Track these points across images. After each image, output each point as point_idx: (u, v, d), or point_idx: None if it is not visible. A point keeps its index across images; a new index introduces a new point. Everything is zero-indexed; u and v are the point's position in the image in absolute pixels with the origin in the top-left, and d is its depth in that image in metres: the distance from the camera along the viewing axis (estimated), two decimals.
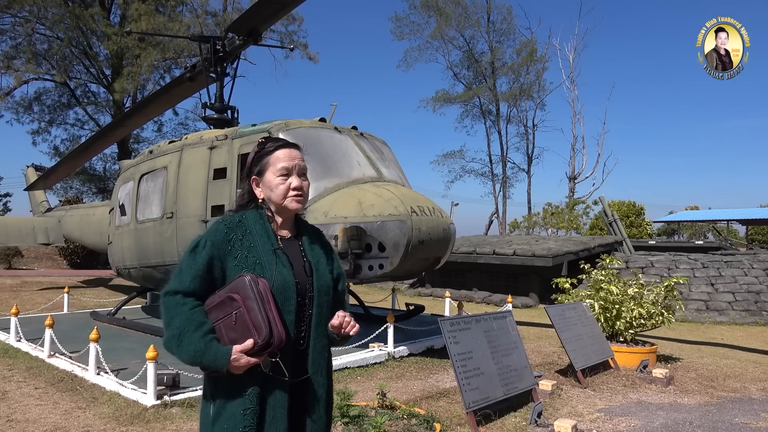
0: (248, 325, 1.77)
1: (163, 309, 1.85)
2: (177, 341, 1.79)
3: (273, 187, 1.98)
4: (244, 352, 1.77)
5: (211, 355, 1.77)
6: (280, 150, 2.02)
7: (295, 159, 2.02)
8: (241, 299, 1.79)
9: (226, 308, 1.82)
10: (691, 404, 5.52)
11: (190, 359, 1.78)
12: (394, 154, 8.77)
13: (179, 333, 1.78)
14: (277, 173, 1.98)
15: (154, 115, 17.04)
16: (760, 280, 12.99)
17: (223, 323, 1.82)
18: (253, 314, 1.77)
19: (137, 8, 23.25)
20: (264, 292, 1.80)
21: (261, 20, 8.64)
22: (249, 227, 1.95)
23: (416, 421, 4.43)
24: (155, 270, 8.61)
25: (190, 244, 1.93)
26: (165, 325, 1.83)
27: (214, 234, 1.91)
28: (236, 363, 1.77)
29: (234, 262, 1.89)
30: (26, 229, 14.42)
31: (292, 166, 2.00)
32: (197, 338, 1.77)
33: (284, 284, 1.89)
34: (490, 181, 37.98)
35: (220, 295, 1.84)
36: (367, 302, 10.38)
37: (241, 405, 1.81)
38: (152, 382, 5.10)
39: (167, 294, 1.85)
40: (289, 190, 1.98)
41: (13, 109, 26.90)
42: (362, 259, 6.74)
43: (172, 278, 1.88)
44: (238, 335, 1.78)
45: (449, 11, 34.71)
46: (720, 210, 37.05)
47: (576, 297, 7.63)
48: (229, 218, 1.97)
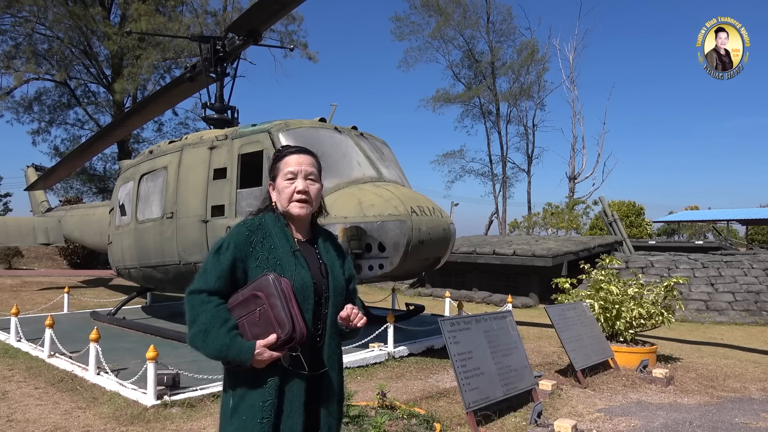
0: (272, 321, 1.86)
1: (187, 307, 1.94)
2: (203, 337, 1.87)
3: (280, 191, 2.09)
4: (266, 347, 1.86)
5: (236, 350, 1.85)
6: (291, 155, 2.11)
7: (303, 164, 2.09)
8: (265, 296, 1.88)
9: (250, 305, 1.91)
10: (691, 404, 5.52)
11: (216, 354, 1.87)
12: (394, 154, 8.77)
13: (205, 329, 1.87)
14: (284, 177, 2.08)
15: (154, 115, 17.01)
16: (760, 280, 12.98)
17: (247, 320, 1.90)
18: (276, 311, 1.86)
19: (137, 8, 23.25)
20: (287, 290, 1.90)
21: (261, 20, 8.64)
22: (268, 230, 2.04)
23: (416, 421, 4.43)
24: (155, 270, 8.60)
25: (213, 245, 2.02)
26: (190, 322, 1.91)
27: (237, 236, 2.00)
28: (260, 357, 1.86)
29: (255, 263, 1.98)
30: (26, 229, 14.43)
31: (298, 170, 2.07)
32: (223, 334, 1.86)
33: (303, 284, 1.98)
34: (490, 181, 37.96)
35: (244, 293, 1.93)
36: (367, 302, 10.36)
37: (260, 397, 1.89)
38: (152, 382, 5.10)
39: (192, 293, 1.94)
40: (293, 194, 2.05)
41: (13, 109, 26.92)
42: (362, 259, 6.74)
43: (197, 278, 1.98)
44: (262, 331, 1.88)
45: (450, 11, 34.70)
46: (720, 210, 37.06)
47: (576, 297, 7.63)
48: (250, 221, 2.06)
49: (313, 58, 29.32)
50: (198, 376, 5.52)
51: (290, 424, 1.91)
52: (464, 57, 37.36)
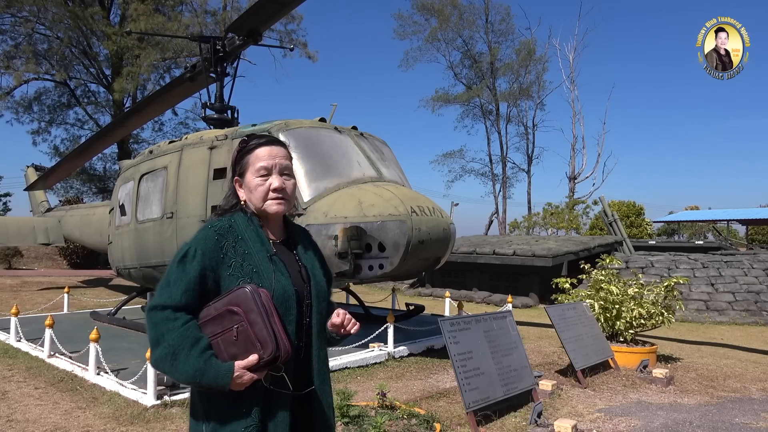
0: (252, 339, 1.65)
1: (149, 326, 1.69)
2: (170, 360, 1.63)
3: (252, 189, 1.84)
4: (246, 368, 1.65)
5: (212, 374, 1.63)
6: (261, 148, 1.86)
7: (276, 157, 1.85)
8: (243, 312, 1.66)
9: (225, 322, 1.68)
10: (691, 404, 5.52)
11: (188, 379, 1.64)
12: (394, 154, 8.77)
13: (173, 351, 1.63)
14: (256, 173, 1.84)
15: (154, 115, 17.02)
16: (760, 280, 12.98)
17: (222, 338, 1.68)
18: (257, 328, 1.64)
19: (136, 8, 23.25)
20: (267, 304, 1.68)
21: (261, 20, 8.64)
22: (240, 232, 1.80)
23: (416, 421, 4.43)
24: (155, 270, 8.61)
25: (176, 253, 1.76)
26: (153, 343, 1.67)
27: (204, 242, 1.74)
28: (239, 380, 1.64)
29: (228, 272, 1.73)
30: (26, 229, 14.43)
31: (272, 165, 1.84)
32: (194, 356, 1.63)
33: (284, 294, 1.76)
34: (490, 181, 37.96)
35: (217, 308, 1.70)
36: (367, 302, 10.38)
37: (242, 423, 1.67)
38: (152, 382, 5.10)
39: (154, 309, 1.69)
40: (268, 191, 1.83)
41: (13, 109, 26.96)
42: (362, 259, 6.73)
43: (159, 291, 1.72)
44: (240, 350, 1.66)
45: (447, 13, 34.67)
46: (720, 210, 37.08)
47: (576, 297, 7.63)
48: (218, 223, 1.80)
49: (312, 57, 29.38)
50: None
51: None
52: (464, 57, 37.42)
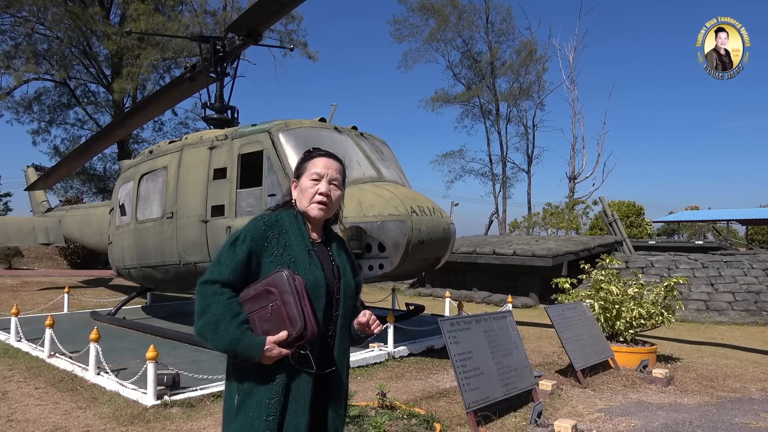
0: (283, 317, 1.86)
1: (198, 297, 1.92)
2: (213, 328, 1.86)
3: (303, 190, 2.10)
4: (276, 343, 1.86)
5: (246, 344, 1.84)
6: (320, 158, 2.13)
7: (330, 168, 2.11)
8: (278, 293, 1.87)
9: (262, 300, 1.90)
10: (691, 404, 5.52)
11: (224, 346, 1.86)
12: (394, 154, 8.77)
13: (216, 320, 1.85)
14: (309, 177, 2.10)
15: (154, 115, 17.01)
16: (759, 280, 12.98)
17: (258, 315, 1.90)
18: (289, 307, 1.86)
19: (136, 8, 23.23)
20: (300, 288, 1.90)
21: (261, 20, 8.64)
22: (285, 227, 2.04)
23: (416, 421, 4.43)
24: (155, 270, 8.60)
25: (229, 237, 2.02)
26: (199, 312, 1.90)
27: (254, 230, 2.00)
28: (269, 353, 1.85)
29: (269, 258, 1.98)
30: (26, 229, 14.43)
31: (324, 173, 2.09)
32: (233, 327, 1.85)
33: (316, 283, 1.98)
34: (490, 181, 37.94)
35: (256, 288, 1.92)
36: (367, 302, 10.38)
37: (267, 394, 1.89)
38: (152, 382, 5.10)
39: (205, 283, 1.93)
40: (315, 194, 2.07)
41: (13, 109, 26.92)
42: (362, 259, 6.73)
43: (210, 268, 1.97)
44: (272, 327, 1.87)
45: (447, 13, 34.66)
46: (720, 210, 37.03)
47: (576, 297, 7.63)
48: (267, 216, 2.07)
49: (312, 57, 29.37)
50: (198, 376, 5.53)
51: (294, 423, 1.90)
52: (463, 57, 37.41)
